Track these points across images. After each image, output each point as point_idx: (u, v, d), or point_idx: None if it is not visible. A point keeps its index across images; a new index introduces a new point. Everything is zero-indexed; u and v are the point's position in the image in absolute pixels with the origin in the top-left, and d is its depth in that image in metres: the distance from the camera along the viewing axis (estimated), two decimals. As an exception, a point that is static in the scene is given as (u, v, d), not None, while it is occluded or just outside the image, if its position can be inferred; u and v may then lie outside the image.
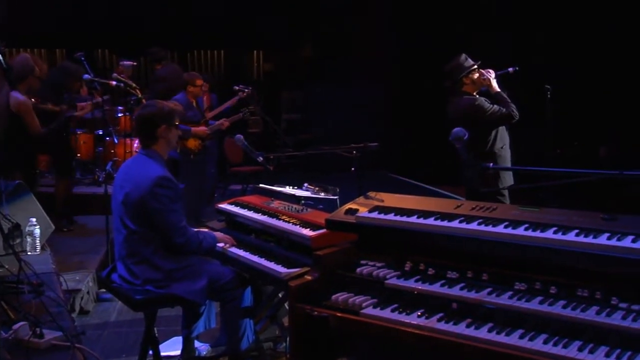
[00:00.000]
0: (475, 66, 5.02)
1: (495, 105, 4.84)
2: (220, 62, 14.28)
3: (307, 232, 3.56)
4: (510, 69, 5.05)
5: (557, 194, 7.21)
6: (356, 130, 11.87)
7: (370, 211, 3.17)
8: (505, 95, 4.92)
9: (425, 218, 2.95)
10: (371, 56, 12.88)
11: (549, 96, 6.00)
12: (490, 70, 5.00)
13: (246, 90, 7.95)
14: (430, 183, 10.74)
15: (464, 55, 5.05)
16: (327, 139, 11.54)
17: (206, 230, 4.10)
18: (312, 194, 4.55)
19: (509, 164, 4.96)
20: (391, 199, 3.31)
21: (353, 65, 12.78)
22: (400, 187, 10.82)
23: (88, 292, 5.30)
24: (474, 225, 2.78)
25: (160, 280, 3.62)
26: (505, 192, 4.87)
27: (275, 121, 12.42)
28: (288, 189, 4.65)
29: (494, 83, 4.96)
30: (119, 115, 8.95)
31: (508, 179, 4.90)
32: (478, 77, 5.00)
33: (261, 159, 4.62)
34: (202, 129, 7.40)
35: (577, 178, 2.81)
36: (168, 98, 7.27)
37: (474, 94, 5.02)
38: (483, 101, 4.86)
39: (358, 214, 3.16)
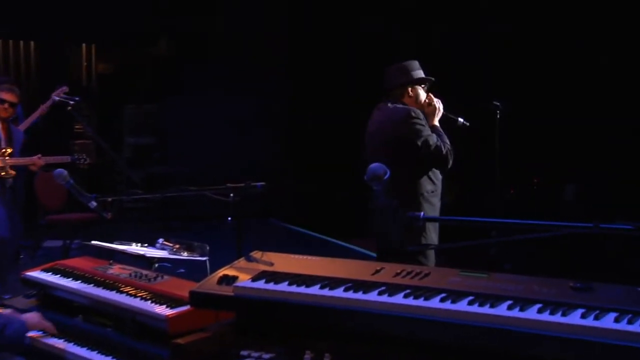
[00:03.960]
0: (427, 83, 5.25)
1: (432, 133, 5.01)
2: (29, 58, 13.90)
3: (162, 310, 3.49)
4: (461, 120, 5.32)
5: (511, 254, 7.48)
6: (235, 162, 11.92)
7: (254, 279, 3.15)
8: (442, 133, 5.14)
9: (331, 288, 2.96)
10: (257, 59, 12.99)
11: (498, 116, 6.25)
12: (440, 102, 5.24)
13: (71, 102, 7.78)
14: (339, 237, 10.87)
15: (417, 63, 5.27)
16: (193, 175, 11.47)
17: (10, 311, 3.93)
18: (169, 253, 4.48)
19: (438, 212, 5.13)
20: (284, 262, 3.30)
21: (230, 71, 12.84)
22: (296, 244, 10.88)
23: None
24: (399, 299, 2.81)
25: None
26: (430, 252, 5.02)
27: (116, 147, 12.23)
28: (134, 247, 4.55)
29: (436, 117, 5.20)
30: None
31: (433, 234, 5.05)
32: (424, 96, 5.22)
33: (94, 203, 4.50)
34: None
35: (536, 232, 2.91)
36: None
37: None
38: (420, 117, 5.02)
39: (237, 284, 3.13)
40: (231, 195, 4.13)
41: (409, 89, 5.19)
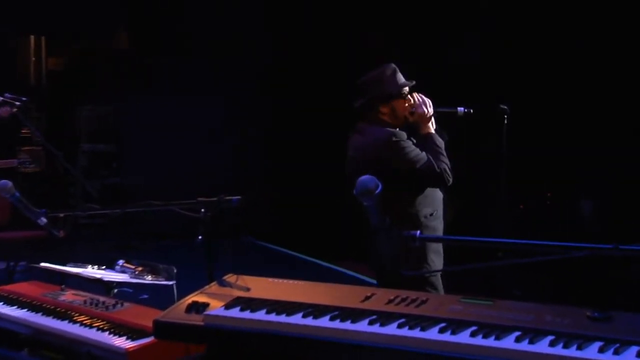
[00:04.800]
0: (407, 88, 5.07)
1: (421, 152, 4.91)
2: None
3: (121, 342, 3.49)
4: (461, 109, 5.13)
5: (519, 278, 7.50)
6: (207, 173, 11.88)
7: (228, 307, 3.15)
8: (440, 143, 5.02)
9: (315, 317, 2.97)
10: (231, 55, 12.95)
11: (505, 122, 6.26)
12: (427, 100, 5.06)
13: (17, 103, 7.75)
14: (325, 258, 10.86)
15: (392, 67, 5.08)
16: (159, 188, 11.40)
17: None
18: (131, 277, 4.47)
19: None
20: (262, 286, 3.31)
21: (201, 69, 12.82)
22: (276, 266, 10.86)
23: None
24: (392, 329, 2.83)
25: None
26: (437, 278, 4.99)
27: (69, 155, 12.17)
28: (90, 270, 4.54)
29: (427, 123, 5.03)
30: None
31: (437, 259, 5.01)
32: (405, 106, 5.04)
33: (44, 219, 4.49)
34: None
35: (549, 254, 2.93)
36: None
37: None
38: (404, 138, 4.91)
39: (208, 312, 3.13)
40: (202, 210, 4.12)
41: (380, 106, 5.01)
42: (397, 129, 4.97)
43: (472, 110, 5.16)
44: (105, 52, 14.13)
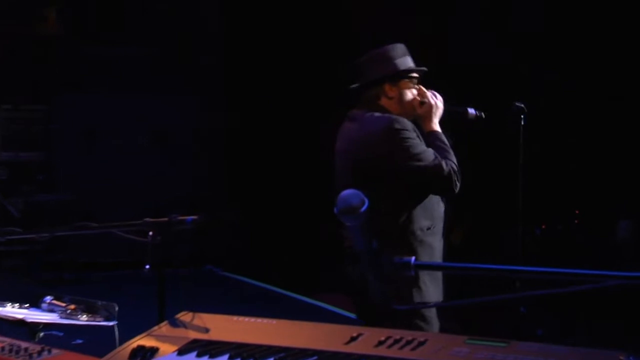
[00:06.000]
0: (416, 75, 5.16)
1: (428, 148, 4.97)
2: None
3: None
4: (472, 111, 5.23)
5: (543, 315, 7.52)
6: (156, 189, 11.86)
7: (181, 352, 3.15)
8: (446, 141, 5.07)
9: (290, 365, 2.98)
10: (190, 44, 12.97)
11: (522, 123, 6.30)
12: (438, 96, 5.15)
13: None
14: (300, 290, 10.87)
15: (401, 47, 5.18)
16: (97, 206, 11.36)
17: None
18: (61, 317, 4.47)
19: (438, 257, 5.11)
20: (224, 326, 3.31)
21: (151, 60, 12.81)
22: (241, 301, 10.88)
23: None
24: (385, 379, 2.84)
25: None
26: (431, 313, 5.00)
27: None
28: (10, 309, 4.53)
29: (435, 118, 5.11)
30: None
31: (433, 288, 5.02)
32: (412, 97, 5.12)
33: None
34: None
35: (576, 285, 2.95)
36: None
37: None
38: (408, 127, 4.94)
39: (158, 359, 3.13)
40: (150, 233, 4.13)
41: (387, 86, 5.08)
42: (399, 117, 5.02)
43: (484, 115, 5.20)
44: (30, 38, 14.08)
